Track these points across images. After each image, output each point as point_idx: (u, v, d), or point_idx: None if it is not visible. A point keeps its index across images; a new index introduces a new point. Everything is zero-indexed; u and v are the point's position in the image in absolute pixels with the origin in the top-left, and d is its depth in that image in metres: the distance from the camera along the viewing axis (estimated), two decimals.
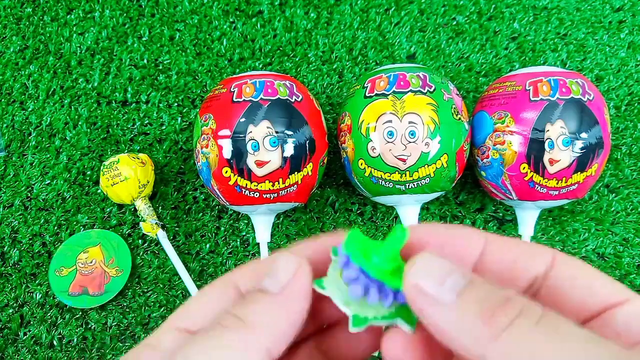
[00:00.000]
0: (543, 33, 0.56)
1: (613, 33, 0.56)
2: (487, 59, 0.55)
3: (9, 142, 0.52)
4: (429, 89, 0.41)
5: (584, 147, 0.39)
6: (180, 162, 0.51)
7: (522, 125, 0.40)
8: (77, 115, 0.53)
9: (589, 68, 0.54)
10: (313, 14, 0.56)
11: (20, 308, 0.46)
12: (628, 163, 0.51)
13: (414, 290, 0.15)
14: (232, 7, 0.57)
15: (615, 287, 0.15)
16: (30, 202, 0.50)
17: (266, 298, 0.15)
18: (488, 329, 0.13)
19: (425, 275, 0.15)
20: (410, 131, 0.40)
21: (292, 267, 0.16)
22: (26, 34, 0.56)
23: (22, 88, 0.54)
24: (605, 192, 0.50)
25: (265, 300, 0.15)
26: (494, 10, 0.56)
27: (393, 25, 0.56)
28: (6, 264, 0.48)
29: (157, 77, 0.54)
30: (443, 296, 0.14)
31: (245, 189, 0.41)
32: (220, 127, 0.40)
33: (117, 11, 0.57)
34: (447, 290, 0.14)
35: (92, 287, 0.45)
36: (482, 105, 0.45)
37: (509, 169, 0.42)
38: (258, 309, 0.15)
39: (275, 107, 0.40)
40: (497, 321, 0.13)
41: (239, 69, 0.55)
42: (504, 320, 0.13)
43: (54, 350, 0.45)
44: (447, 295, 0.14)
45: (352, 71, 0.54)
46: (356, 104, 0.42)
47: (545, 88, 0.40)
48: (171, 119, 0.52)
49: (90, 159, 0.51)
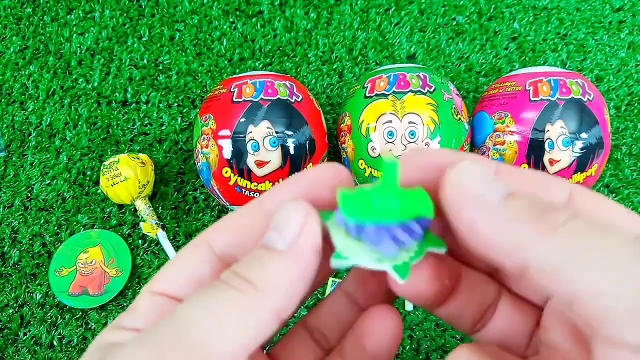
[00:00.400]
0: (543, 33, 0.56)
1: (613, 33, 0.56)
2: (487, 59, 0.55)
3: (9, 142, 0.52)
4: (429, 89, 0.41)
5: (584, 147, 0.39)
6: (180, 162, 0.51)
7: (522, 126, 0.40)
8: (77, 115, 0.53)
9: (589, 68, 0.54)
10: (313, 14, 0.56)
11: (20, 308, 0.46)
12: (628, 163, 0.51)
13: (458, 188, 0.14)
14: (232, 7, 0.57)
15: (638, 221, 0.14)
16: (30, 202, 0.50)
17: (274, 257, 0.14)
18: (539, 227, 0.12)
19: (472, 175, 0.14)
20: (410, 131, 0.40)
21: (299, 217, 0.14)
22: (26, 34, 0.56)
23: (22, 88, 0.54)
24: (605, 192, 0.50)
25: (274, 259, 0.14)
26: (494, 10, 0.56)
27: (393, 25, 0.56)
28: (6, 264, 0.48)
29: (157, 77, 0.54)
30: (491, 196, 0.13)
31: (245, 189, 0.41)
32: (220, 127, 0.40)
33: (117, 11, 0.57)
34: (494, 191, 0.13)
35: (92, 287, 0.45)
36: (482, 105, 0.45)
37: None
38: (267, 270, 0.14)
39: (275, 107, 0.41)
40: (552, 218, 0.12)
41: (239, 69, 0.55)
42: (556, 219, 0.12)
43: (54, 350, 0.45)
44: (494, 196, 0.13)
45: (352, 71, 0.54)
46: (356, 104, 0.42)
47: (545, 88, 0.40)
48: (171, 119, 0.52)
49: (90, 159, 0.51)
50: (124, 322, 0.15)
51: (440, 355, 0.44)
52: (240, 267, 0.14)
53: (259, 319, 0.13)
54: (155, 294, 0.16)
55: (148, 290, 0.16)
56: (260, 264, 0.14)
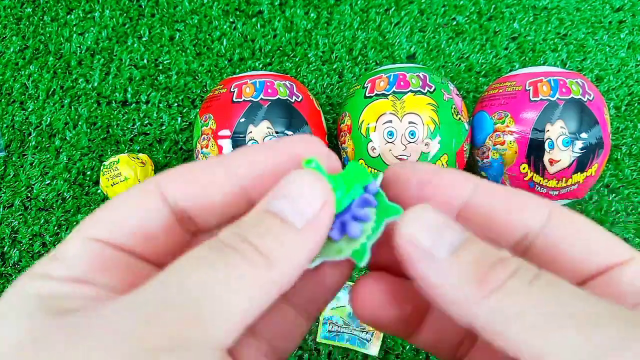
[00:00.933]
0: (543, 33, 0.56)
1: (613, 33, 0.56)
2: (487, 59, 0.55)
3: (9, 142, 0.52)
4: (429, 89, 0.41)
5: (584, 147, 0.39)
6: (180, 162, 0.51)
7: (522, 126, 0.40)
8: (77, 115, 0.53)
9: (589, 68, 0.54)
10: (313, 14, 0.56)
11: None
12: (628, 163, 0.51)
13: (408, 242, 0.14)
14: (232, 7, 0.57)
15: (617, 245, 0.14)
16: (30, 202, 0.50)
17: (291, 233, 0.13)
18: (479, 288, 0.12)
19: (421, 227, 0.14)
20: (410, 131, 0.40)
21: (321, 193, 0.14)
22: (26, 34, 0.56)
23: (22, 88, 0.54)
24: (605, 192, 0.50)
25: (291, 234, 0.13)
26: (494, 10, 0.56)
27: (393, 25, 0.56)
28: (6, 264, 0.48)
29: (157, 77, 0.54)
30: (438, 251, 0.13)
31: None
32: (220, 127, 0.40)
33: (117, 11, 0.57)
34: (442, 245, 0.13)
35: None
36: (482, 105, 0.45)
37: (509, 169, 0.42)
38: (285, 246, 0.13)
39: (275, 107, 0.40)
40: (489, 281, 0.12)
41: (239, 69, 0.55)
42: (495, 280, 0.12)
43: None
44: (442, 251, 0.13)
45: (352, 71, 0.54)
46: (356, 104, 0.42)
47: (545, 88, 0.40)
48: (171, 119, 0.52)
49: (90, 159, 0.51)
50: (52, 271, 0.13)
51: None
52: (250, 233, 0.13)
53: (266, 295, 0.12)
54: (92, 240, 0.13)
55: (81, 235, 0.13)
56: (277, 238, 0.13)
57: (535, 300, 0.12)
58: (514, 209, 0.15)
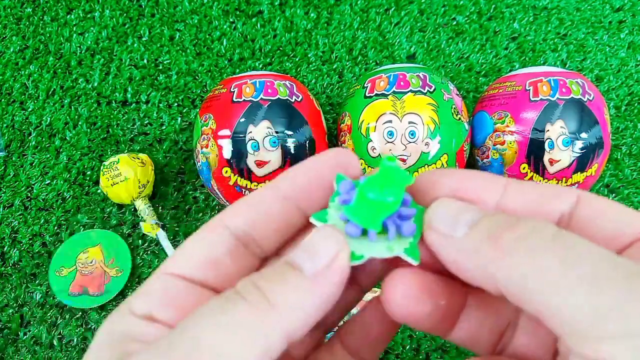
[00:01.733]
0: (543, 33, 0.56)
1: (613, 33, 0.56)
2: (487, 59, 0.55)
3: (9, 142, 0.52)
4: (429, 89, 0.41)
5: (584, 147, 0.39)
6: (180, 162, 0.51)
7: (522, 125, 0.40)
8: (77, 115, 0.53)
9: (589, 68, 0.54)
10: (313, 14, 0.56)
11: (20, 308, 0.46)
12: (628, 163, 0.51)
13: (431, 233, 0.15)
14: (232, 7, 0.57)
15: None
16: (30, 202, 0.50)
17: (297, 279, 0.14)
18: (495, 248, 0.13)
19: (438, 217, 0.15)
20: (410, 131, 0.40)
21: (333, 249, 0.14)
22: (26, 34, 0.56)
23: (22, 88, 0.54)
24: (605, 192, 0.50)
25: (296, 281, 0.14)
26: (494, 10, 0.56)
27: (393, 25, 0.56)
28: (6, 264, 0.48)
29: (157, 77, 0.54)
30: (456, 232, 0.14)
31: (245, 189, 0.41)
32: (220, 127, 0.40)
33: (117, 11, 0.57)
34: (460, 225, 0.14)
35: (92, 287, 0.45)
36: (482, 105, 0.45)
37: (509, 169, 0.42)
38: (286, 290, 0.13)
39: (275, 107, 0.41)
40: (504, 239, 0.13)
41: (239, 69, 0.55)
42: (511, 237, 0.13)
43: (54, 350, 0.45)
44: (460, 231, 0.14)
45: (352, 71, 0.54)
46: (356, 104, 0.42)
47: (545, 88, 0.40)
48: (171, 119, 0.52)
49: (90, 159, 0.51)
50: (136, 307, 0.15)
51: (440, 355, 0.44)
52: (260, 279, 0.14)
53: (266, 338, 0.13)
54: (169, 275, 0.15)
55: (162, 272, 0.15)
56: (282, 280, 0.14)
57: (555, 256, 0.12)
58: (545, 199, 0.15)
